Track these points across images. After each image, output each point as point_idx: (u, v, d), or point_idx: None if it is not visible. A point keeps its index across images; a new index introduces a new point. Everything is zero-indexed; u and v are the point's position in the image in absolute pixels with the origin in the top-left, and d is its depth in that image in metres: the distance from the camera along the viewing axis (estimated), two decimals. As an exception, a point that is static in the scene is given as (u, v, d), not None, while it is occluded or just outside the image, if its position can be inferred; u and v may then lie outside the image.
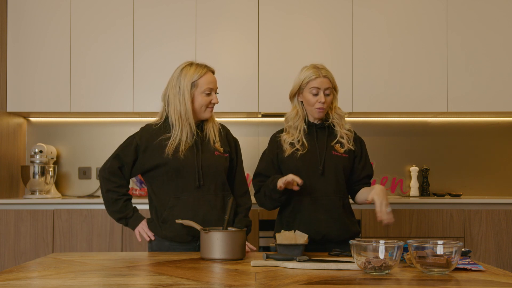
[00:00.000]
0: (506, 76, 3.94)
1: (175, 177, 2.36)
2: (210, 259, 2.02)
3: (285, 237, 2.11)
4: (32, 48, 3.94)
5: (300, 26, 3.96)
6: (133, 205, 2.44)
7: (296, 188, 2.32)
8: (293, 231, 2.14)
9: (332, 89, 2.48)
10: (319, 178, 2.44)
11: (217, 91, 2.44)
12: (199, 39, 3.93)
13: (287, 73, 3.65)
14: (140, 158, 2.41)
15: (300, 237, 2.10)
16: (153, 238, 2.38)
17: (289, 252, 2.06)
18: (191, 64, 2.41)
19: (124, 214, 2.40)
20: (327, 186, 2.45)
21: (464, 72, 3.94)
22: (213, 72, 2.44)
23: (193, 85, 2.37)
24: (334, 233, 2.43)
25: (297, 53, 3.92)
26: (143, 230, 2.39)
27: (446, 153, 4.26)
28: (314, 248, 2.33)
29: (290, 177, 2.30)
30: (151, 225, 2.41)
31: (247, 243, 2.33)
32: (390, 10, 3.97)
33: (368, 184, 2.56)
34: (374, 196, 2.26)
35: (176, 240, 2.35)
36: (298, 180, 2.29)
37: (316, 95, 2.45)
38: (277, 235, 2.13)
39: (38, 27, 3.94)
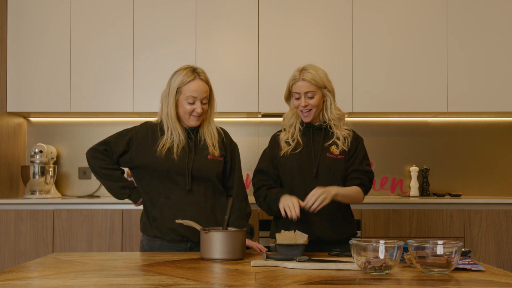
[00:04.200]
0: (506, 76, 3.93)
1: (165, 178, 2.36)
2: (210, 259, 2.02)
3: (285, 237, 2.11)
4: (32, 48, 3.94)
5: (300, 27, 3.96)
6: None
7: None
8: (293, 231, 2.14)
9: (318, 91, 2.43)
10: (313, 181, 2.43)
11: (205, 101, 2.36)
12: (199, 40, 3.93)
13: (287, 73, 3.62)
14: (132, 151, 2.40)
15: (300, 237, 2.10)
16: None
17: (289, 252, 2.06)
18: (185, 68, 2.38)
19: (128, 183, 2.44)
20: None
21: (464, 72, 3.93)
22: (206, 82, 2.38)
23: (178, 91, 2.35)
24: (328, 235, 2.42)
25: (297, 53, 3.92)
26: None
27: (446, 153, 4.26)
28: (309, 249, 2.32)
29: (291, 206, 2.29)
30: (142, 225, 2.43)
31: (256, 244, 2.32)
32: (390, 11, 3.97)
33: (358, 179, 2.45)
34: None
35: (165, 238, 2.35)
36: (294, 215, 2.27)
37: (298, 99, 2.45)
38: (277, 235, 2.13)
39: (38, 27, 3.94)
